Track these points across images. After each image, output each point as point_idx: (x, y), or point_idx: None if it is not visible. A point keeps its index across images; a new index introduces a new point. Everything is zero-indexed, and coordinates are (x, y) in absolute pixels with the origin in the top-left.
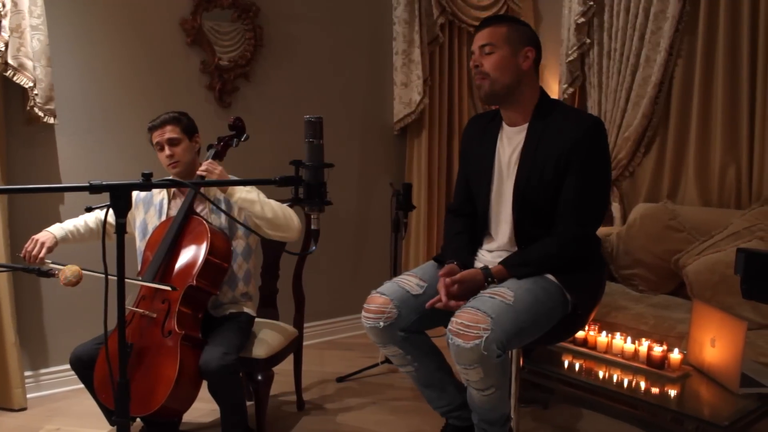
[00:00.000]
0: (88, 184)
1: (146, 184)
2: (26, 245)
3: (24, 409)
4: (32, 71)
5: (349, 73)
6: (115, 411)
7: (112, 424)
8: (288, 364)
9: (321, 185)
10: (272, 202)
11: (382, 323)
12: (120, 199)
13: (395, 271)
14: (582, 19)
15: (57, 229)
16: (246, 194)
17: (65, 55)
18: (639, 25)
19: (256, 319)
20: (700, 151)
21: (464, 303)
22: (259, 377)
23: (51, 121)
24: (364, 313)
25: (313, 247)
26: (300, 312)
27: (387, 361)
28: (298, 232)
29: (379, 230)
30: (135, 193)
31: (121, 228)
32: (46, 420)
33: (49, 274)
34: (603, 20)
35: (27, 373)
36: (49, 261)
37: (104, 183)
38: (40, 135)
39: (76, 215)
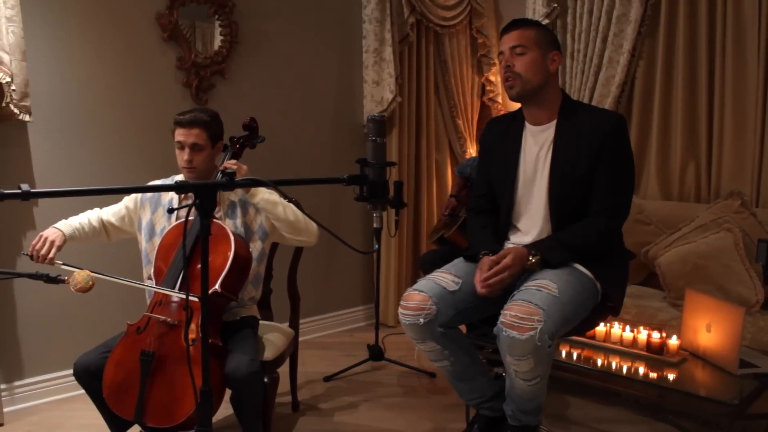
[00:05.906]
0: (174, 184)
1: (230, 183)
2: (33, 243)
3: (1, 425)
4: (8, 65)
5: (320, 70)
6: (198, 420)
7: None
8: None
9: (385, 183)
10: (291, 205)
11: (422, 319)
12: (205, 200)
13: (378, 269)
14: (546, 21)
15: (65, 226)
16: (269, 195)
17: (39, 49)
18: (602, 27)
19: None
20: (661, 148)
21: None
22: (266, 379)
23: (26, 118)
24: (402, 310)
25: (376, 246)
26: (296, 312)
27: (371, 358)
28: (316, 237)
29: (351, 229)
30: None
31: (206, 229)
32: None
33: (58, 280)
34: (566, 22)
35: (1, 386)
36: (60, 262)
37: (191, 183)
38: (12, 133)
39: (50, 219)
